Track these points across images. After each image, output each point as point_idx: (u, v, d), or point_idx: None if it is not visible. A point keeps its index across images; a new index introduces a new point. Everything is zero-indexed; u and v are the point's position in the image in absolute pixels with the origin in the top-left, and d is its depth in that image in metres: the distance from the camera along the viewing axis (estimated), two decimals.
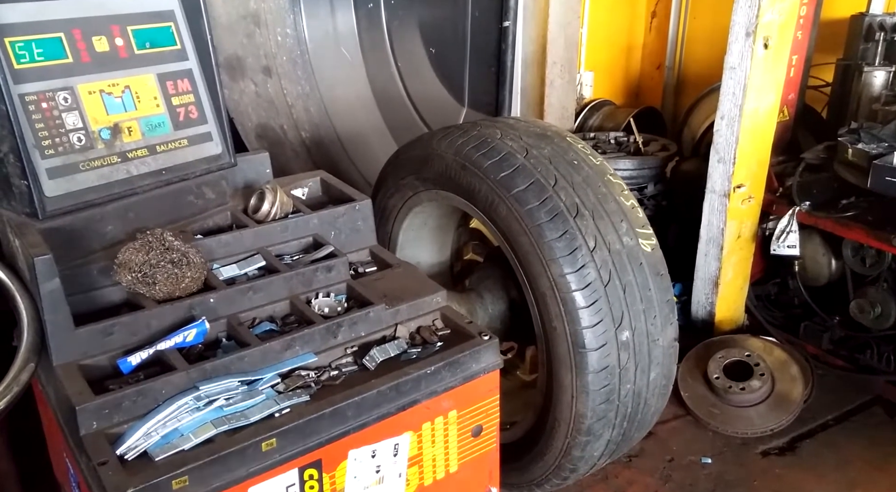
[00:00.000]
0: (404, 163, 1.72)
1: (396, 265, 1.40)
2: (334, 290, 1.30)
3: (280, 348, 1.14)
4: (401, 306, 1.27)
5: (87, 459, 0.97)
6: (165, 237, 1.17)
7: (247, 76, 2.37)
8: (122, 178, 1.23)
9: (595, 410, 1.39)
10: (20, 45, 1.12)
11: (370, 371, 1.17)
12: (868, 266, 2.20)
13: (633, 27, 3.57)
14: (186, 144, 1.32)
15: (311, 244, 1.39)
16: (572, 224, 1.38)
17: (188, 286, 1.17)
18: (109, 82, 1.22)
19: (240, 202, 1.42)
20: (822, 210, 2.20)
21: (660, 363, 1.46)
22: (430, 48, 2.62)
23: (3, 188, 1.18)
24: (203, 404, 1.04)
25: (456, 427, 1.25)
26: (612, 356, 1.37)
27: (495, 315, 1.72)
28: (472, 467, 1.30)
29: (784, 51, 2.20)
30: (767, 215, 2.34)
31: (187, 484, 0.96)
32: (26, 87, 1.13)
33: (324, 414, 1.07)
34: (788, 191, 2.29)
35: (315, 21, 2.45)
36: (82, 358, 1.08)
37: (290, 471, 1.06)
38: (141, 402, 1.02)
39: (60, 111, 1.16)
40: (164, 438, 1.00)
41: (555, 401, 1.45)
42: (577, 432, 1.43)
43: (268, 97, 2.41)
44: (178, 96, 1.31)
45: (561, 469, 1.50)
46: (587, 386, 1.37)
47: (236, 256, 1.31)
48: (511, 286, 1.71)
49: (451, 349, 1.22)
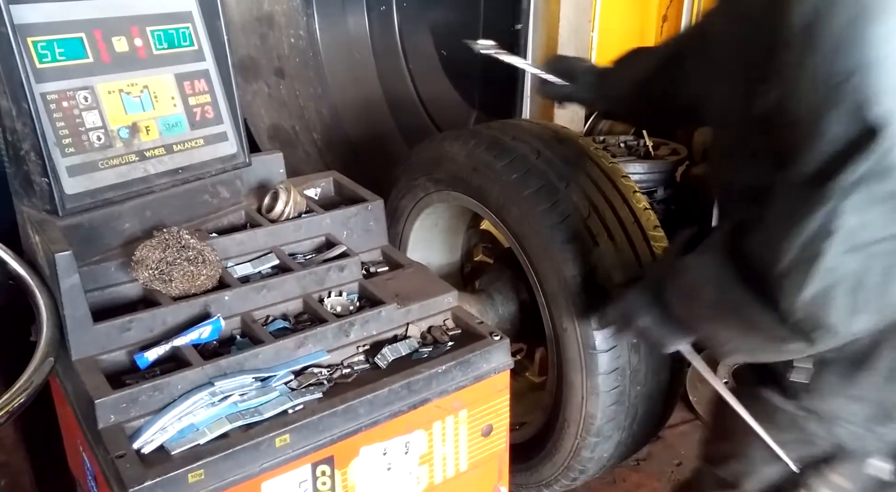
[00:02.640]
0: (416, 164, 1.73)
1: (408, 265, 1.41)
2: (346, 289, 1.31)
3: (293, 346, 1.15)
4: (412, 306, 1.28)
5: (105, 452, 0.98)
6: (182, 235, 1.18)
7: (260, 78, 2.39)
8: (140, 176, 1.25)
9: (605, 411, 1.40)
10: (42, 44, 1.14)
11: (382, 370, 1.18)
12: None
13: (644, 31, 3.57)
14: (202, 144, 1.34)
15: (323, 244, 1.40)
16: (583, 226, 1.38)
17: (203, 284, 1.19)
18: (128, 82, 1.24)
19: (254, 201, 1.43)
20: None
21: (670, 366, 1.46)
22: (442, 51, 2.63)
23: (23, 186, 1.20)
24: (218, 399, 1.06)
25: (466, 426, 1.25)
26: (622, 358, 1.37)
27: (505, 316, 1.72)
28: (482, 466, 1.30)
29: None
30: None
31: (203, 478, 0.97)
32: (48, 86, 1.15)
33: (336, 411, 1.09)
34: None
35: (327, 23, 2.47)
36: (100, 353, 1.10)
37: (303, 467, 1.07)
38: (157, 397, 1.04)
39: (81, 110, 1.18)
40: (179, 432, 1.01)
41: (565, 402, 1.45)
42: (587, 433, 1.43)
43: (280, 98, 2.43)
44: (195, 96, 1.33)
45: (570, 470, 1.51)
46: (597, 387, 1.38)
47: (250, 255, 1.32)
48: (521, 288, 1.72)
49: (462, 349, 1.23)
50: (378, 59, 2.62)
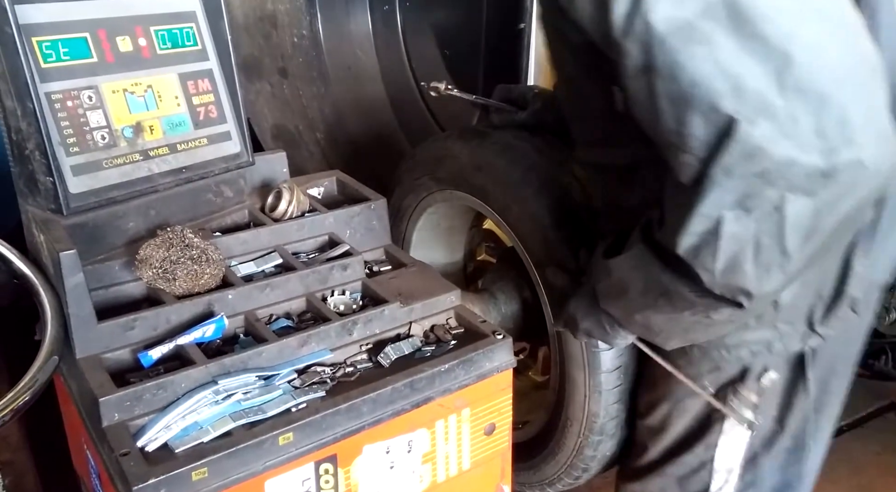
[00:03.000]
0: (419, 163, 1.74)
1: (411, 264, 1.41)
2: (350, 288, 1.32)
3: (296, 345, 1.16)
4: (415, 305, 1.28)
5: (109, 450, 0.99)
6: (185, 234, 1.19)
7: (263, 77, 2.40)
8: (144, 175, 1.26)
9: (608, 409, 1.40)
10: (47, 44, 1.15)
11: (385, 368, 1.19)
12: None
13: None
14: (206, 143, 1.34)
15: (326, 242, 1.41)
16: (587, 224, 1.38)
17: (207, 282, 1.19)
18: (133, 81, 1.25)
19: (257, 201, 1.44)
20: None
21: None
22: (445, 50, 2.63)
23: (28, 185, 1.21)
24: (221, 398, 1.06)
25: (469, 425, 1.26)
26: (625, 356, 1.37)
27: (508, 315, 1.72)
28: (485, 465, 1.31)
29: None
30: None
31: (206, 476, 0.97)
32: (52, 85, 1.15)
33: (339, 410, 1.09)
34: None
35: (330, 23, 2.47)
36: (104, 351, 1.11)
37: (307, 465, 1.08)
38: (161, 395, 1.04)
39: (85, 109, 1.19)
40: (183, 430, 1.02)
41: (567, 400, 1.45)
42: (590, 431, 1.43)
43: (283, 98, 2.43)
44: (199, 96, 1.33)
45: (573, 468, 1.51)
46: (600, 385, 1.38)
47: (254, 254, 1.32)
48: (524, 287, 1.72)
49: (464, 348, 1.23)
50: (381, 58, 2.62)
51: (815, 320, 1.09)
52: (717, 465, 1.23)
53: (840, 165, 0.75)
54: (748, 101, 0.75)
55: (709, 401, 1.17)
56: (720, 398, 1.17)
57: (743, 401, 1.14)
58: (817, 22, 0.77)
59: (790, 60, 0.74)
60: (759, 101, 0.75)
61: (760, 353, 1.12)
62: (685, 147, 0.80)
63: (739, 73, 0.75)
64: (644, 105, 0.83)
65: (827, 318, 1.09)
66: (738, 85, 0.75)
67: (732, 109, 0.75)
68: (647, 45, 0.78)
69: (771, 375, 1.14)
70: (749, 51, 0.75)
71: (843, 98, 0.75)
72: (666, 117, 0.81)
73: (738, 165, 0.77)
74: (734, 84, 0.75)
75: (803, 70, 0.74)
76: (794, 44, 0.75)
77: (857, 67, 0.78)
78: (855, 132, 0.75)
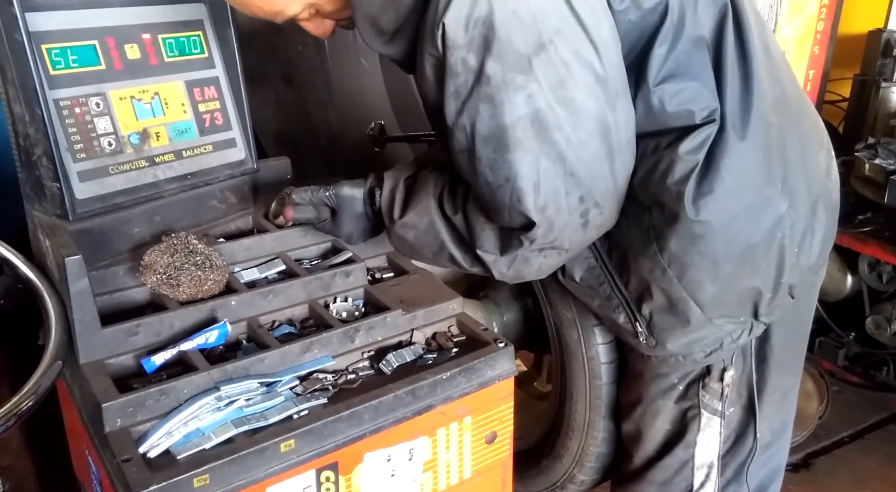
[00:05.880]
0: None
1: (413, 272, 1.42)
2: (352, 295, 1.32)
3: (299, 351, 1.16)
4: (417, 312, 1.29)
5: (111, 456, 0.99)
6: (190, 240, 1.19)
7: (267, 84, 2.41)
8: (150, 181, 1.26)
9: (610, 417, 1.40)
10: (56, 52, 1.16)
11: (386, 375, 1.19)
12: (884, 282, 2.19)
13: None
14: (211, 150, 1.35)
15: (329, 249, 1.41)
16: None
17: (210, 289, 1.20)
18: (140, 89, 1.26)
19: (261, 207, 1.45)
20: (838, 225, 2.19)
21: None
22: None
23: (35, 190, 1.22)
24: (224, 404, 1.06)
25: (470, 433, 1.26)
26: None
27: (510, 323, 1.73)
28: (486, 473, 1.30)
29: (801, 66, 2.20)
30: None
31: (208, 482, 0.98)
32: (61, 92, 1.16)
33: (341, 417, 1.09)
34: None
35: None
36: (108, 357, 1.11)
37: (308, 472, 1.08)
38: (163, 401, 1.04)
39: (93, 116, 1.20)
40: (185, 437, 1.02)
41: (569, 409, 1.45)
42: (592, 440, 1.43)
43: (288, 105, 2.45)
44: (205, 103, 1.34)
45: (574, 478, 1.51)
46: (601, 394, 1.38)
47: (257, 260, 1.33)
48: (526, 295, 1.72)
49: (466, 355, 1.24)
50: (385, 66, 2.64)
51: (761, 312, 1.17)
52: (696, 462, 1.29)
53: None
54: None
55: (679, 399, 1.27)
56: (690, 396, 1.26)
57: (712, 393, 1.25)
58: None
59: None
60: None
61: (715, 351, 1.21)
62: (500, 216, 1.06)
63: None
64: (468, 177, 1.06)
65: (769, 307, 1.18)
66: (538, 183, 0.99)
67: (531, 207, 1.01)
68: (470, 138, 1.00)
69: (730, 371, 1.23)
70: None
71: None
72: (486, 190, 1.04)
73: (539, 249, 1.07)
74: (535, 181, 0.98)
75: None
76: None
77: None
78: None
